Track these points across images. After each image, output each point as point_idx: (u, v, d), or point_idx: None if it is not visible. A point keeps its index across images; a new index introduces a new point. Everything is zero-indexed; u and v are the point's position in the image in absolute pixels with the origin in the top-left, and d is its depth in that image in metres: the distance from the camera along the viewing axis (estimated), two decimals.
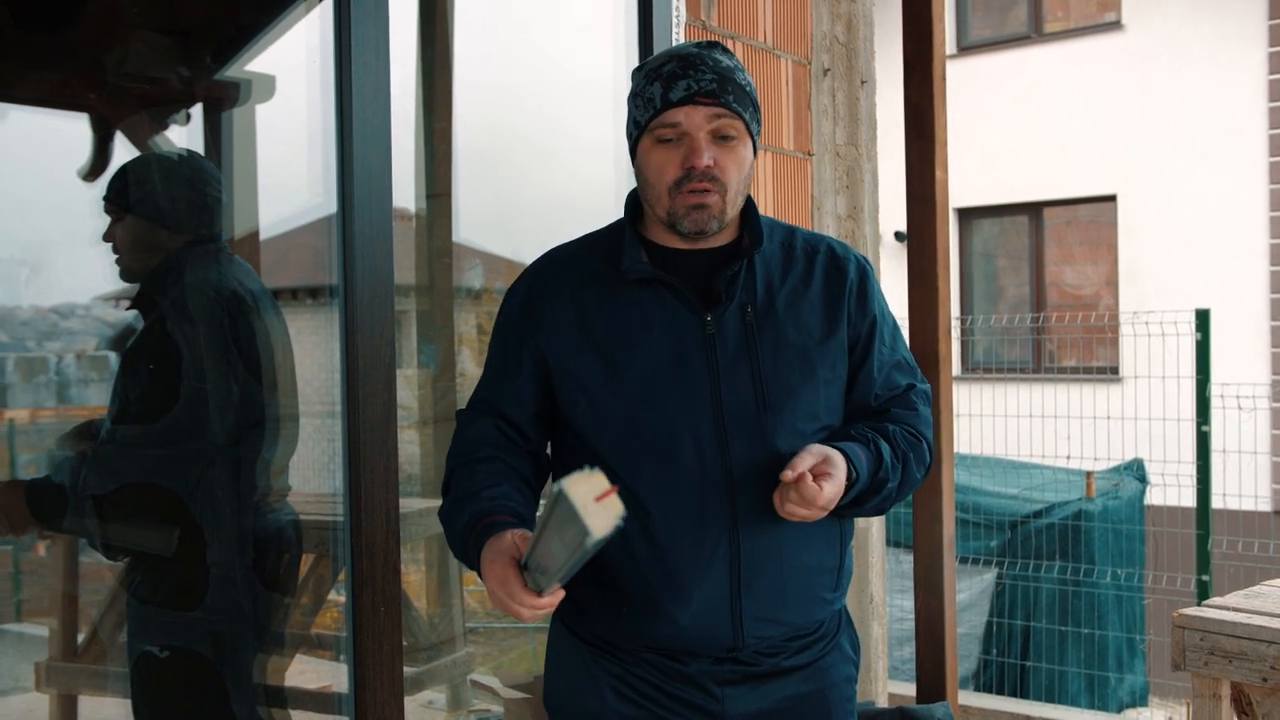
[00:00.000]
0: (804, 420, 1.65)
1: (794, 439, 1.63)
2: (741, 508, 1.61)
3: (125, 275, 2.33)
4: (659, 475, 1.62)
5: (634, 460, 1.63)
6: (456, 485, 1.67)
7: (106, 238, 2.30)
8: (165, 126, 2.67)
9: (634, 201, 1.76)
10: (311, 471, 2.81)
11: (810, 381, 1.66)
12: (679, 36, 2.71)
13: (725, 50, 1.68)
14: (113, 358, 2.93)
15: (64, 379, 3.10)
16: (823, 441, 1.64)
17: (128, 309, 2.44)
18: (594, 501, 1.18)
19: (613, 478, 1.62)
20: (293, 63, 2.41)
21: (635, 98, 1.67)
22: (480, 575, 1.52)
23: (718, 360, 1.64)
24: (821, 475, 1.53)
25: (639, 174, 1.70)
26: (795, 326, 1.68)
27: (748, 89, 1.66)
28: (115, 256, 2.31)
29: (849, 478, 1.58)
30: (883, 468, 1.65)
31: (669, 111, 1.61)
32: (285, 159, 2.65)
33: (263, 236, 2.71)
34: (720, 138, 1.62)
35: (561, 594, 1.43)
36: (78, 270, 2.62)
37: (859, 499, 1.64)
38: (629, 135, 1.71)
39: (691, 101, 1.60)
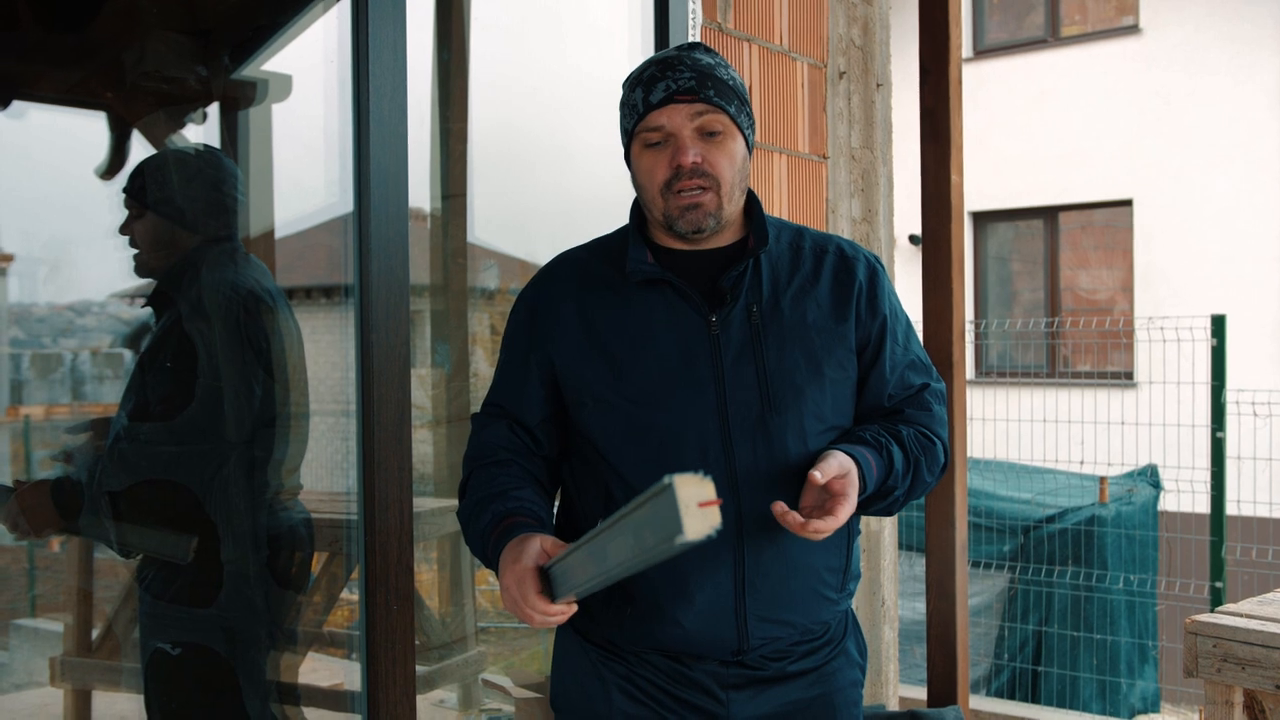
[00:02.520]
0: (810, 420, 1.65)
1: (800, 439, 1.63)
2: (746, 509, 1.61)
3: (141, 270, 2.34)
4: (664, 476, 1.62)
5: (639, 461, 1.63)
6: (475, 487, 1.68)
7: (123, 231, 2.31)
8: (182, 125, 2.69)
9: (638, 207, 1.76)
10: (326, 470, 2.82)
11: (817, 382, 1.66)
12: (695, 38, 2.71)
13: (707, 49, 1.70)
14: (127, 355, 2.95)
15: (79, 376, 3.12)
16: (833, 443, 1.64)
17: (143, 306, 2.45)
18: (697, 506, 1.16)
19: (619, 479, 1.63)
20: (310, 62, 2.42)
21: (622, 106, 1.70)
22: (498, 574, 1.52)
23: (722, 361, 1.63)
24: (829, 509, 1.52)
25: (634, 180, 1.71)
26: (801, 326, 1.67)
27: (731, 84, 1.66)
28: (132, 251, 2.32)
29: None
30: (892, 475, 1.65)
31: (651, 114, 1.63)
32: (301, 158, 2.67)
33: (278, 235, 2.72)
34: (707, 134, 1.63)
35: (574, 608, 1.44)
36: (94, 268, 2.64)
37: (863, 504, 1.64)
38: (622, 144, 1.73)
39: (671, 101, 1.62)
